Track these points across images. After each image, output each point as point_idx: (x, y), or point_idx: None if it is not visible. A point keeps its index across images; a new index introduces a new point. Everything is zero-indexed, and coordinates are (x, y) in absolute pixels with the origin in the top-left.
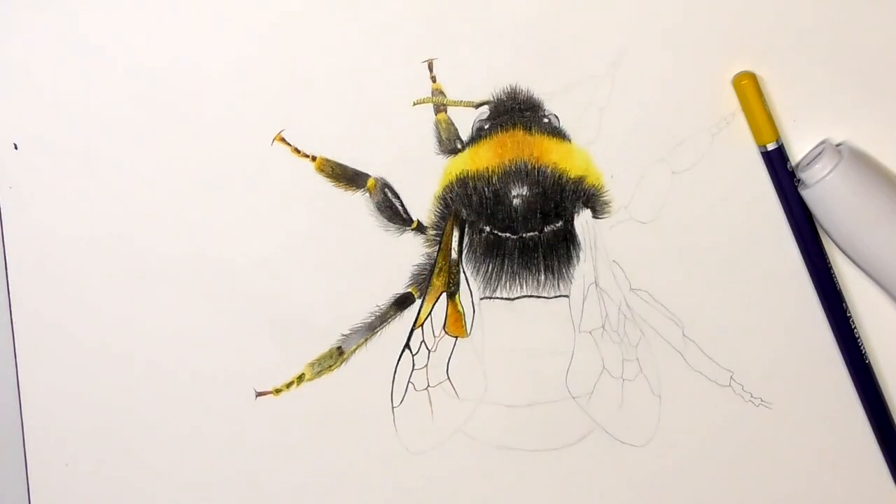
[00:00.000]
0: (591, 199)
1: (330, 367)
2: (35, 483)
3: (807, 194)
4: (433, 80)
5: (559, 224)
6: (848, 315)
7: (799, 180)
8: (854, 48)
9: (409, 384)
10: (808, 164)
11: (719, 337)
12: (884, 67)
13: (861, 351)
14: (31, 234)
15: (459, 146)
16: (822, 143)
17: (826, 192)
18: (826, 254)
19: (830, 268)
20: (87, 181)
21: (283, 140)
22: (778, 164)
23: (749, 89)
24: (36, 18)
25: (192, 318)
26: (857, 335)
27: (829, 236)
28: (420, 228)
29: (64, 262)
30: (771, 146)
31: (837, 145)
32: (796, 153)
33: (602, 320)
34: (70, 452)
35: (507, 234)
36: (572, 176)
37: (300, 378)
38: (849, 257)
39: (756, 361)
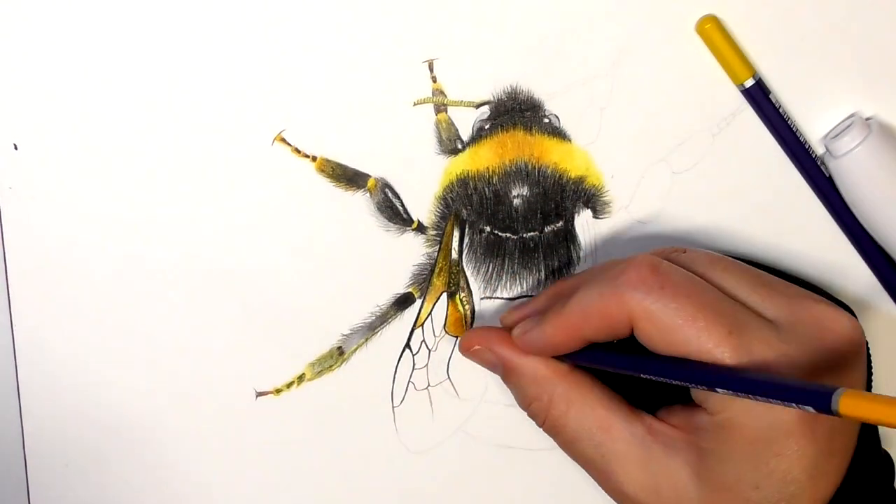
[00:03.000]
0: (592, 199)
1: (330, 367)
2: (35, 483)
3: (833, 166)
4: (433, 80)
5: (559, 224)
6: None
7: (826, 151)
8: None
9: (410, 384)
10: (836, 135)
11: None
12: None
13: None
14: (31, 235)
15: (460, 146)
16: (852, 115)
17: (853, 164)
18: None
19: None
20: (87, 181)
21: (283, 140)
22: (760, 99)
23: (714, 31)
24: (36, 18)
25: (192, 319)
26: None
27: (853, 209)
28: (420, 228)
29: (64, 263)
30: (749, 83)
31: (867, 119)
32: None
33: None
34: (70, 453)
35: (508, 235)
36: (573, 176)
37: (301, 378)
38: (871, 231)
39: None
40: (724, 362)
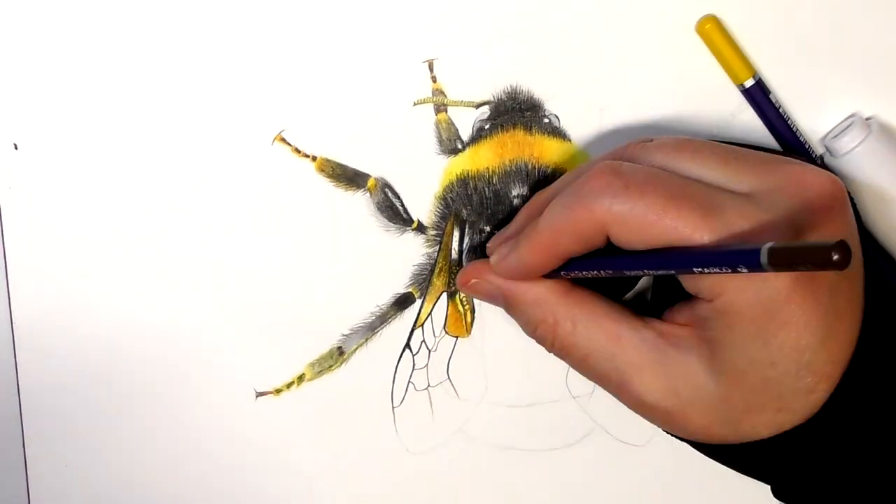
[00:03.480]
0: None
1: (330, 367)
2: (35, 483)
3: (834, 166)
4: (433, 80)
5: None
6: None
7: (826, 151)
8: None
9: (410, 384)
10: (836, 135)
11: None
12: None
13: None
14: (31, 234)
15: (460, 146)
16: (852, 116)
17: (853, 164)
18: None
19: None
20: (87, 181)
21: (283, 140)
22: (760, 99)
23: (714, 31)
24: (36, 18)
25: (192, 318)
26: None
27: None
28: (420, 228)
29: (64, 262)
30: (749, 83)
31: (867, 119)
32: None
33: None
34: (70, 452)
35: None
36: None
37: (300, 378)
38: (872, 231)
39: None
40: (704, 244)
